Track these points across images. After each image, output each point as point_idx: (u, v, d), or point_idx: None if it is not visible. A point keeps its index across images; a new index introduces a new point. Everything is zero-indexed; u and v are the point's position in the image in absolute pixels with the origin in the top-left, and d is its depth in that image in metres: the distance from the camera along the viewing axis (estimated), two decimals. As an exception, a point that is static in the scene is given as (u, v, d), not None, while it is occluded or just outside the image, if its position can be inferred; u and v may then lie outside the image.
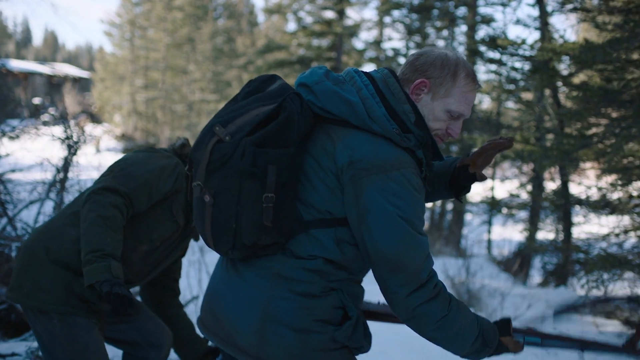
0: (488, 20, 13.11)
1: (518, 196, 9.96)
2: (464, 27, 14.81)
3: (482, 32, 13.70)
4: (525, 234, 10.27)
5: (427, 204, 2.38)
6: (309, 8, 18.53)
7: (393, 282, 1.72)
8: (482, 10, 16.40)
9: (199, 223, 1.83)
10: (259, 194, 1.72)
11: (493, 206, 10.91)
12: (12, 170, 5.67)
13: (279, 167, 1.72)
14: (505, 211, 10.34)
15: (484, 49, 11.29)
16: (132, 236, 2.51)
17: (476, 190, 13.01)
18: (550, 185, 10.28)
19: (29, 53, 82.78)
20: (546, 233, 10.04)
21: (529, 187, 10.20)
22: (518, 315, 6.01)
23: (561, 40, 8.03)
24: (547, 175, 9.90)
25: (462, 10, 14.42)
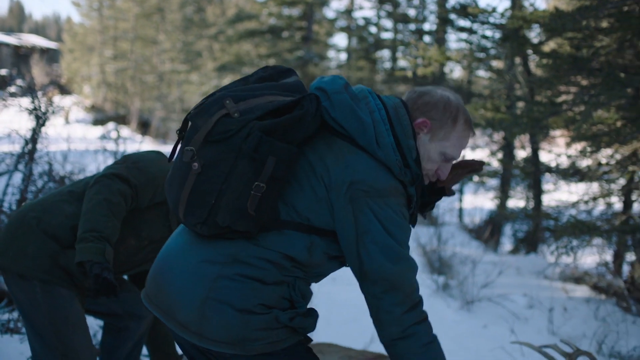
0: (459, -12, 13.07)
1: (489, 164, 10.04)
2: (435, -4, 14.77)
3: (453, 0, 13.68)
4: (496, 202, 10.38)
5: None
6: (280, -24, 18.33)
7: (388, 301, 1.74)
8: (454, -22, 16.36)
9: (175, 187, 1.78)
10: (251, 179, 1.70)
11: (464, 174, 10.93)
12: (-21, 143, 5.57)
13: (279, 161, 1.70)
14: (477, 179, 10.42)
15: (454, 17, 11.30)
16: (124, 228, 2.51)
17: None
18: (520, 153, 10.37)
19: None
20: (517, 201, 10.15)
21: (500, 155, 10.28)
22: (489, 282, 6.11)
23: (531, 8, 8.09)
24: (517, 143, 9.98)
25: (433, -22, 14.38)
